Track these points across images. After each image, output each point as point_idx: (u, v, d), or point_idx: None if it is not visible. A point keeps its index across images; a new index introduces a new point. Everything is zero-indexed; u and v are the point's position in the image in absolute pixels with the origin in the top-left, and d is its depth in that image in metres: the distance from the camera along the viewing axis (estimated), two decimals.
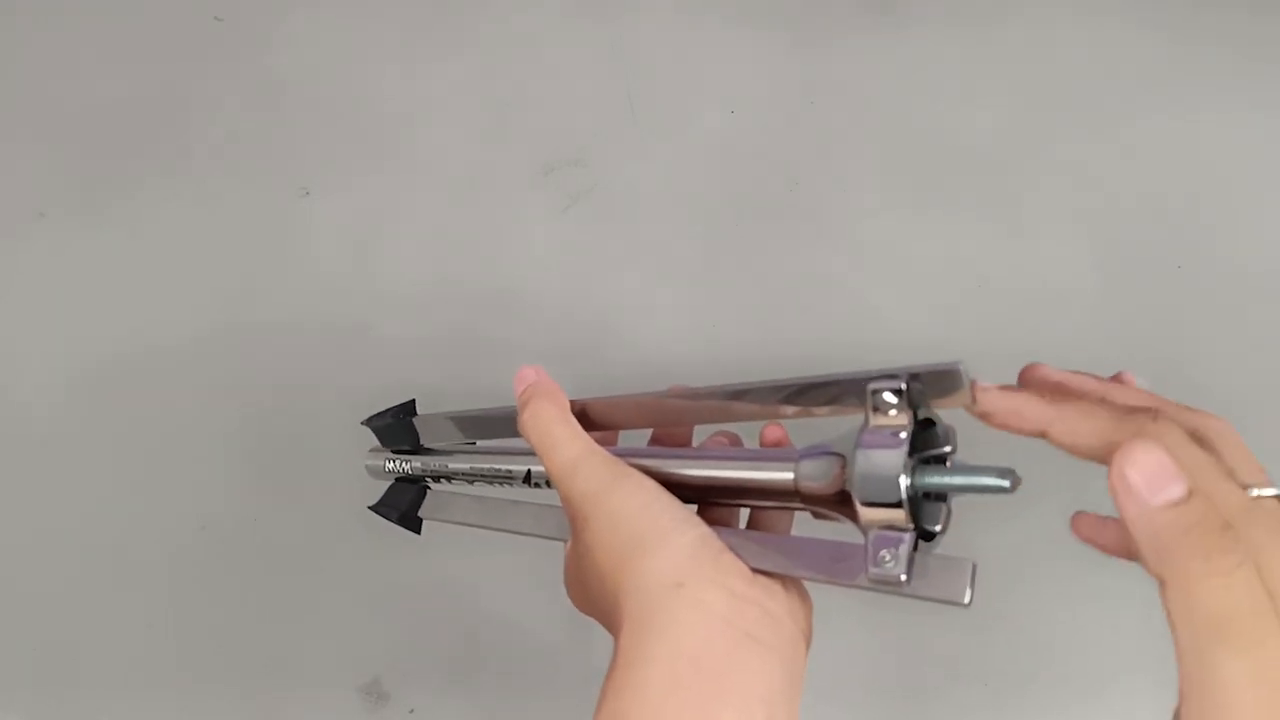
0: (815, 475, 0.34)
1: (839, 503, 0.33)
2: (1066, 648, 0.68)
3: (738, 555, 0.33)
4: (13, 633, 0.71)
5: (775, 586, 0.33)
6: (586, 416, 0.41)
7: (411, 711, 0.68)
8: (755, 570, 0.33)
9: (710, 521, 0.36)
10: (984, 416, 0.33)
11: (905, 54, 0.90)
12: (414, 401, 0.52)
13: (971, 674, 0.67)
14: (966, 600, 0.29)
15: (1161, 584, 0.26)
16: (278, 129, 0.89)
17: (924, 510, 0.33)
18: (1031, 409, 0.32)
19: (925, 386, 0.32)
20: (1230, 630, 0.24)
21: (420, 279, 0.82)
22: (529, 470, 0.45)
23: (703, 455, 0.40)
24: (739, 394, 0.37)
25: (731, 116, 0.88)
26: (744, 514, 0.43)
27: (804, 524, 0.40)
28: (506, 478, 0.46)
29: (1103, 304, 0.78)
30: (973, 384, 0.32)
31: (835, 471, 0.33)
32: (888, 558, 0.30)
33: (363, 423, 0.52)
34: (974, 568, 0.30)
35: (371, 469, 0.54)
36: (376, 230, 0.84)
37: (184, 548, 0.73)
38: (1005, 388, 0.33)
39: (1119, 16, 0.91)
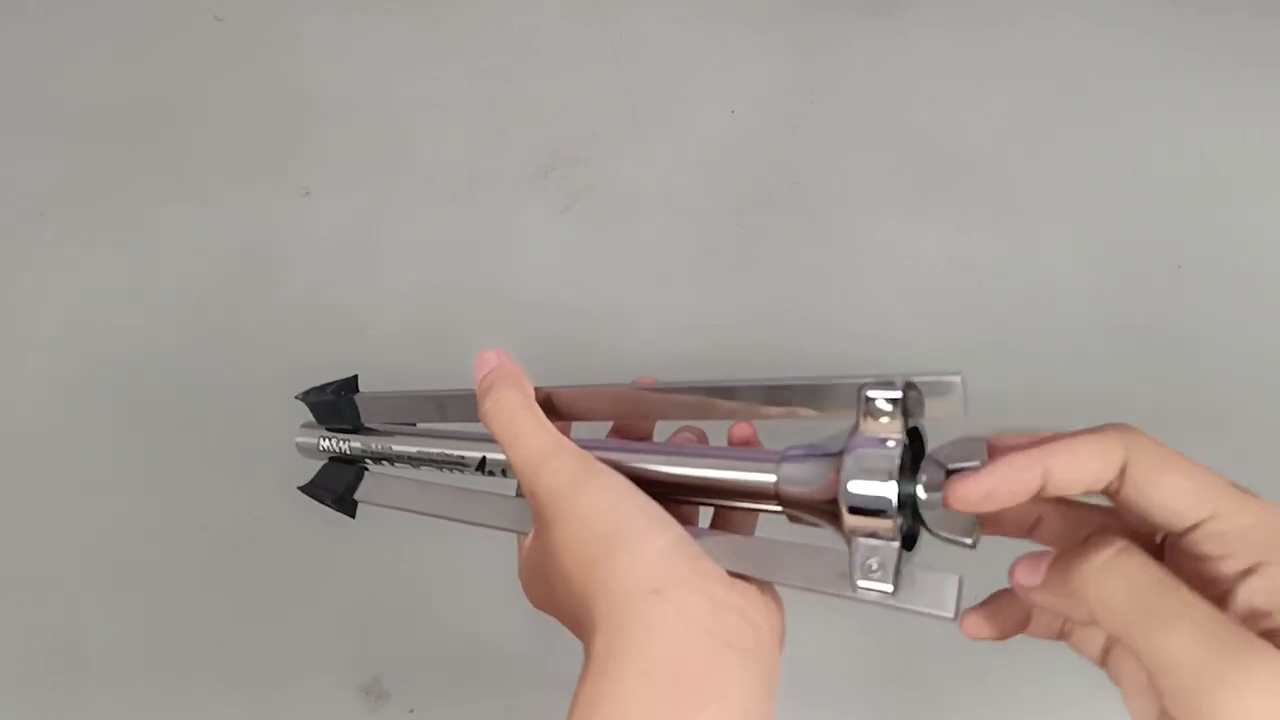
0: (802, 480, 0.33)
1: (821, 508, 0.32)
2: (1067, 648, 0.68)
3: (713, 558, 0.32)
4: (13, 632, 0.71)
5: (752, 591, 0.32)
6: (551, 405, 0.39)
7: (411, 711, 0.68)
8: (732, 574, 0.32)
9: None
10: (979, 508, 0.28)
11: (905, 55, 0.91)
12: (356, 377, 0.49)
13: (971, 673, 0.67)
14: (952, 615, 0.29)
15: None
16: (278, 129, 0.89)
17: (918, 519, 0.32)
18: (1019, 467, 0.28)
19: (922, 396, 0.31)
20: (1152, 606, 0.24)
21: (419, 278, 0.81)
22: (484, 457, 0.42)
23: (678, 452, 0.37)
24: (723, 391, 0.36)
25: (732, 116, 0.88)
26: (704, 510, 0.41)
27: (770, 527, 0.39)
28: (458, 464, 0.43)
29: (1103, 304, 0.78)
30: (949, 492, 0.29)
31: (829, 476, 0.31)
32: (874, 568, 0.30)
33: (298, 397, 0.50)
34: (960, 581, 0.29)
35: (303, 447, 0.50)
36: (376, 230, 0.84)
37: (184, 548, 0.73)
38: (973, 473, 0.29)
39: (1119, 18, 0.91)
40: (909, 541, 0.32)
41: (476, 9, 0.94)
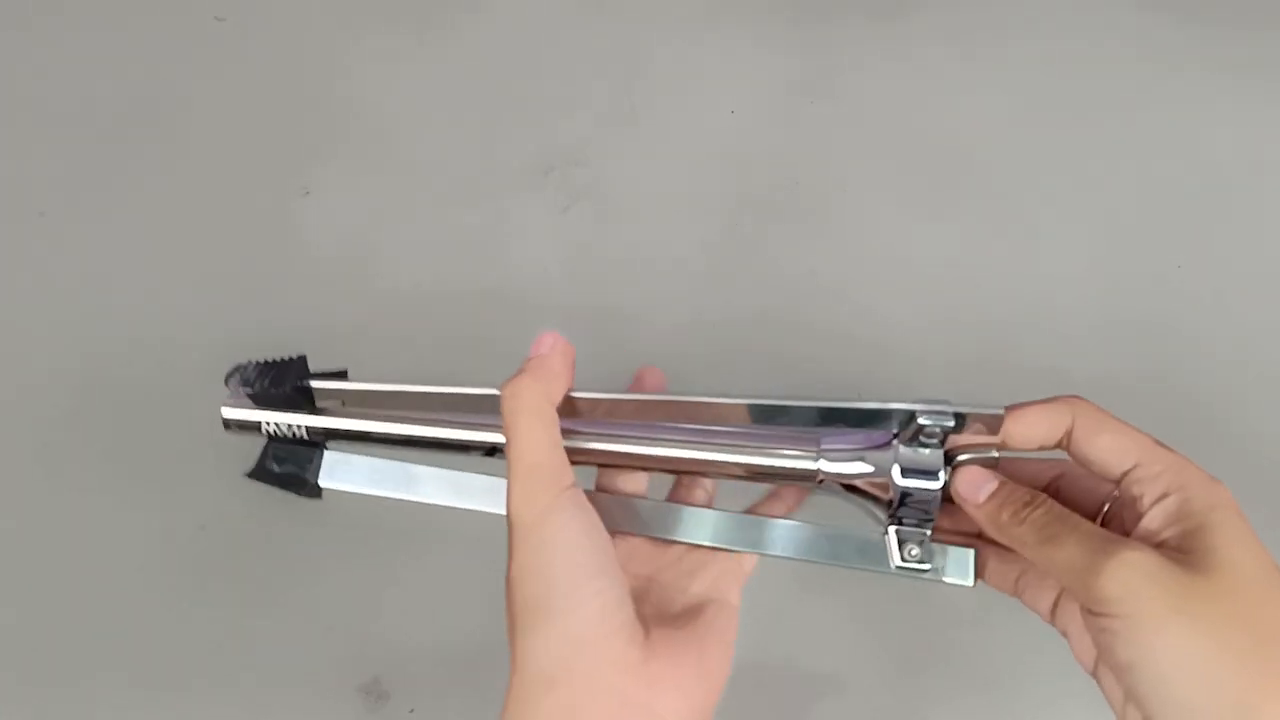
0: (851, 471, 0.37)
1: (861, 493, 0.37)
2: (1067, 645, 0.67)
3: (765, 548, 0.37)
4: (10, 632, 0.71)
5: (673, 669, 0.31)
6: (574, 409, 0.40)
7: (411, 711, 0.68)
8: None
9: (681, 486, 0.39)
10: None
11: (905, 54, 0.91)
12: (305, 359, 0.44)
13: (972, 672, 0.67)
14: (973, 583, 0.37)
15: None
16: (278, 129, 0.89)
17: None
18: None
19: (966, 423, 0.35)
20: (1048, 544, 0.31)
21: (420, 279, 0.81)
22: (493, 445, 0.39)
23: (710, 439, 0.40)
24: (770, 410, 0.36)
25: (732, 116, 0.88)
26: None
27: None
28: (460, 448, 0.40)
29: (1103, 304, 0.78)
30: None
31: (875, 468, 0.36)
32: (915, 551, 0.36)
33: (239, 385, 0.44)
34: (975, 553, 0.37)
35: (234, 423, 0.44)
36: (376, 230, 0.84)
37: (184, 548, 0.73)
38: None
39: (1119, 17, 0.91)
40: None
41: (476, 9, 0.94)
